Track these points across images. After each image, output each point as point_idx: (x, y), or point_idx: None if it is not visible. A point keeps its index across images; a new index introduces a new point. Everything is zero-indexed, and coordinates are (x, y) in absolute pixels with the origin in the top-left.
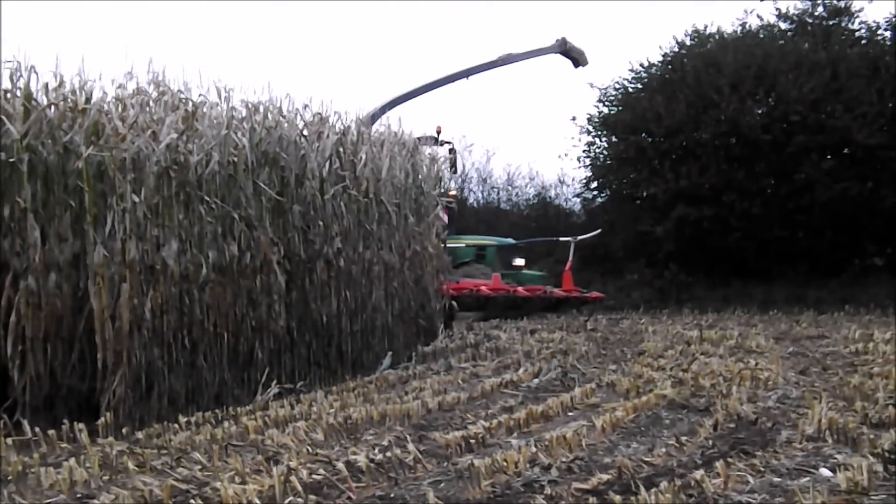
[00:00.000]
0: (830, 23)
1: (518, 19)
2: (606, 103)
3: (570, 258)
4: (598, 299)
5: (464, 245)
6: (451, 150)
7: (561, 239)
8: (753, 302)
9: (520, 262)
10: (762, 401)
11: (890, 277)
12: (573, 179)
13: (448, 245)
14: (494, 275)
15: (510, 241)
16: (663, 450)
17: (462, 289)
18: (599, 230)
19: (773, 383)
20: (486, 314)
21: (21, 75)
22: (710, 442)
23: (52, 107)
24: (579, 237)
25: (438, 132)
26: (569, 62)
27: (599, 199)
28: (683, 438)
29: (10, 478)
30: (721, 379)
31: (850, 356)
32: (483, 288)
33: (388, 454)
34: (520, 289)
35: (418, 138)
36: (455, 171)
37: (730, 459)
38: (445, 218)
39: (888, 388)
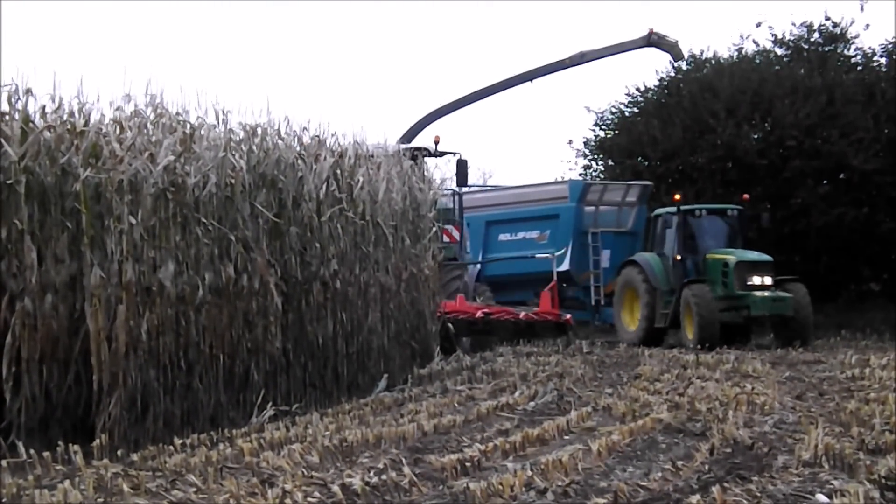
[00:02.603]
0: (826, 49)
1: (506, 42)
2: (602, 127)
3: (555, 276)
4: (569, 323)
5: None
6: (460, 161)
7: (537, 255)
8: None
9: (762, 279)
10: (758, 425)
11: (886, 302)
12: None
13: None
14: (459, 295)
15: (754, 254)
16: (659, 474)
17: None
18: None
19: (770, 408)
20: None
21: (19, 98)
22: (707, 466)
23: (50, 129)
24: (557, 253)
25: (436, 142)
26: (662, 55)
27: None
28: (679, 463)
29: (4, 500)
30: (717, 403)
31: (847, 381)
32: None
33: (384, 477)
34: (479, 312)
35: (412, 149)
36: (465, 184)
37: (726, 484)
38: (457, 235)
39: (884, 413)
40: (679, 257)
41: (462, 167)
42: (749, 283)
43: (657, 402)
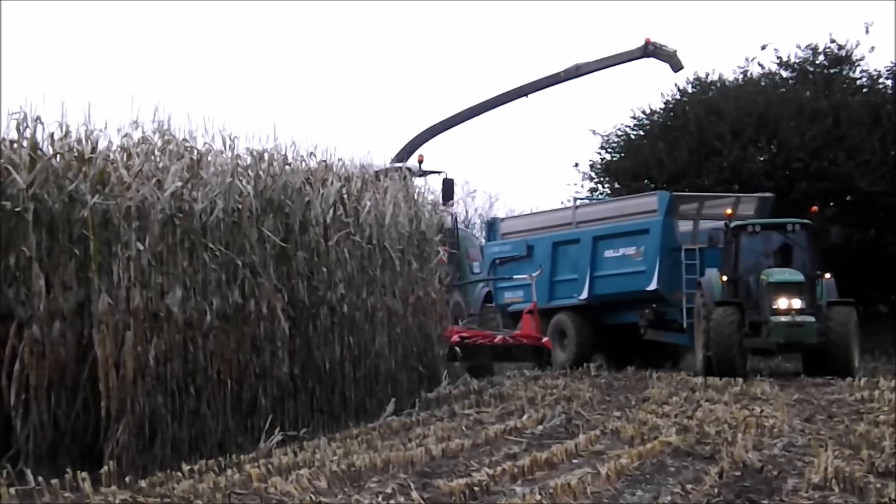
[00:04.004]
0: (832, 71)
1: (501, 59)
2: (609, 150)
3: (534, 297)
4: (546, 347)
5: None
6: (445, 180)
7: (515, 277)
8: None
9: (789, 302)
10: (768, 448)
11: (894, 324)
12: None
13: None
14: None
15: (786, 273)
16: (669, 498)
17: None
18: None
19: (779, 431)
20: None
21: (27, 125)
22: (716, 490)
23: (58, 156)
24: (534, 274)
25: (420, 162)
26: (662, 65)
27: None
28: (689, 486)
29: None
30: (726, 426)
31: (856, 404)
32: None
33: (392, 502)
34: (454, 336)
35: (388, 169)
36: (450, 203)
37: None
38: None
39: (894, 436)
40: (725, 278)
41: (448, 186)
42: (774, 307)
43: (666, 425)
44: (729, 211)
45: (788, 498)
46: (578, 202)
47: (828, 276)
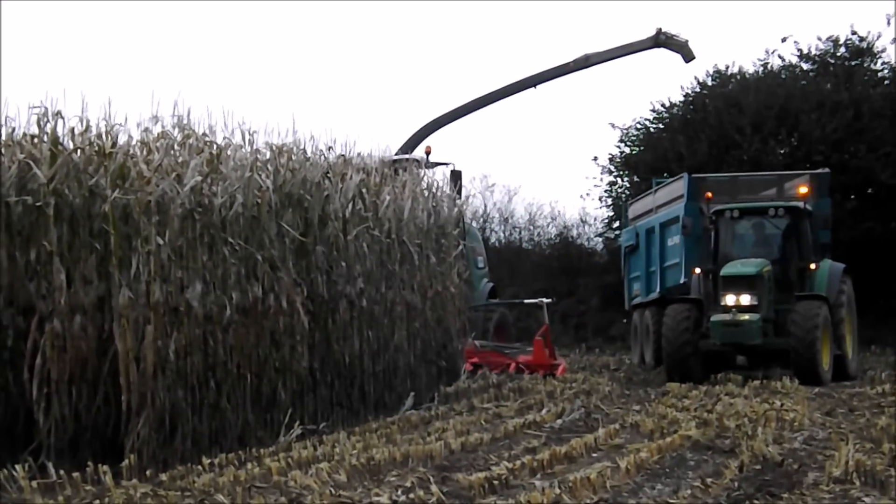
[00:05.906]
0: (853, 63)
1: (510, 50)
2: (628, 143)
3: (546, 321)
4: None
5: None
6: (454, 172)
7: (526, 301)
8: None
9: (736, 297)
10: (788, 442)
11: None
12: (595, 219)
13: None
14: None
15: (738, 266)
16: (688, 492)
17: None
18: (553, 299)
19: (799, 424)
20: None
21: (48, 120)
22: (736, 484)
23: (79, 151)
24: (545, 300)
25: (428, 153)
26: (674, 56)
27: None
28: (709, 480)
29: None
30: (746, 420)
31: (877, 397)
32: None
33: (411, 496)
34: (468, 365)
35: (397, 160)
36: (459, 196)
37: (756, 502)
38: None
39: None
40: (697, 270)
41: (456, 178)
42: (722, 303)
43: (685, 418)
44: (709, 194)
45: (809, 491)
46: (656, 183)
47: (812, 266)
